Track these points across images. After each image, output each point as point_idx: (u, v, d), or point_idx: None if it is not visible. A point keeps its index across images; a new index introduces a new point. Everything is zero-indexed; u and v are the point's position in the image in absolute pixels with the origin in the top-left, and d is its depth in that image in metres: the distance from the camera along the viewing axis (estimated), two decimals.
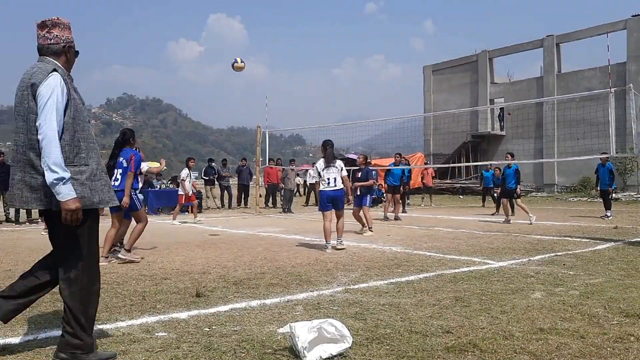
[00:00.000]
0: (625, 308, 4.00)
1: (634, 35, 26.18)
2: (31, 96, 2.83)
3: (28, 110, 2.83)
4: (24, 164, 2.85)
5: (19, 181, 2.86)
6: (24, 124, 2.85)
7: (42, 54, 2.97)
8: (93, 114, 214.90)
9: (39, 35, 2.97)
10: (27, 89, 2.83)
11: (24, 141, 2.85)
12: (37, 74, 2.84)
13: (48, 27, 2.97)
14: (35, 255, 7.03)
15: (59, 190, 2.75)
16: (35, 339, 3.34)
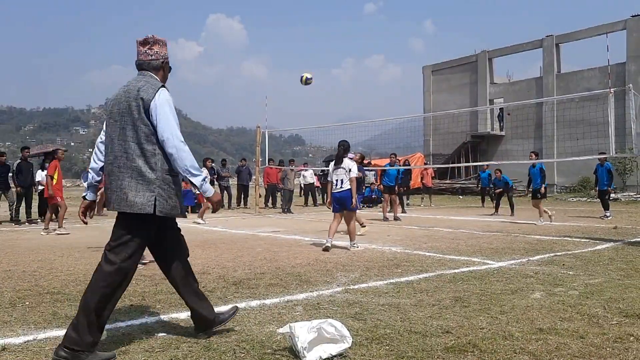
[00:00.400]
0: (625, 308, 4.00)
1: (634, 35, 26.21)
2: (142, 109, 3.04)
3: (138, 120, 3.04)
4: (132, 171, 3.04)
5: (128, 187, 3.03)
6: (134, 134, 3.04)
7: (142, 69, 3.24)
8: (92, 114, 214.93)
9: (140, 52, 3.24)
10: (136, 101, 3.04)
11: (134, 149, 3.04)
12: (146, 89, 3.07)
13: (150, 44, 3.24)
14: (35, 256, 7.05)
15: (205, 188, 3.15)
16: (34, 339, 3.34)
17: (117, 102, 3.16)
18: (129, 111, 3.06)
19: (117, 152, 3.09)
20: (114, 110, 3.17)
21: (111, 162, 3.12)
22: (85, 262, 6.51)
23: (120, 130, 3.09)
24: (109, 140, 3.18)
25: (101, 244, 8.51)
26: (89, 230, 10.81)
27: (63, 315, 3.93)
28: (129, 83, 3.19)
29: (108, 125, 3.19)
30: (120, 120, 3.10)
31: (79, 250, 7.66)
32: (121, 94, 3.15)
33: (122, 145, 3.08)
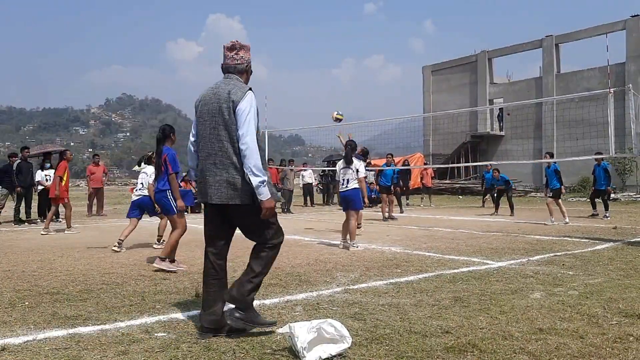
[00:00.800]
0: (625, 308, 4.00)
1: (633, 35, 26.22)
2: (232, 110, 3.31)
3: (229, 121, 3.32)
4: (228, 166, 3.32)
5: (224, 181, 3.32)
6: (226, 134, 3.33)
7: (228, 72, 3.52)
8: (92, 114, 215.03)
9: (227, 56, 3.51)
10: (227, 103, 3.32)
11: (227, 148, 3.32)
12: (235, 92, 3.34)
13: (236, 49, 3.52)
14: (35, 256, 7.05)
15: (261, 191, 3.27)
16: (34, 340, 3.34)
17: (205, 103, 3.44)
18: (220, 112, 3.33)
19: (212, 150, 3.36)
20: (203, 110, 3.44)
21: (205, 158, 3.40)
22: (84, 262, 6.51)
23: (212, 130, 3.36)
24: (200, 138, 3.45)
25: (101, 244, 8.54)
26: (89, 230, 10.82)
27: (62, 316, 3.93)
28: (217, 85, 3.46)
29: (198, 125, 3.47)
30: (211, 121, 3.37)
31: (78, 250, 7.65)
32: (210, 96, 3.42)
33: (217, 144, 3.35)
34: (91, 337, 3.39)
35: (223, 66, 3.53)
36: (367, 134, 20.57)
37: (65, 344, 3.25)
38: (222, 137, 3.33)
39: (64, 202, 10.54)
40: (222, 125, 3.33)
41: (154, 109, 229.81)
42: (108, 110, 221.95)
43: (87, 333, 3.48)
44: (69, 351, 3.11)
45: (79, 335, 3.44)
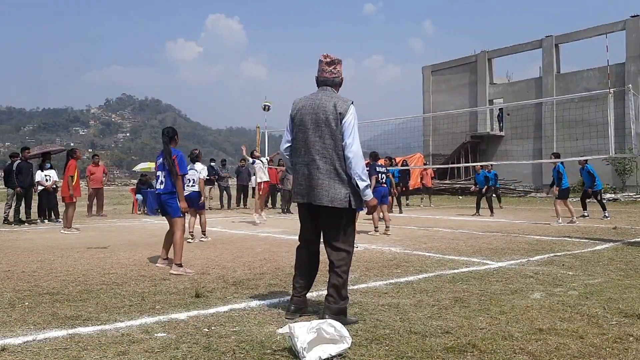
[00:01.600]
0: (624, 308, 4.00)
1: (633, 35, 26.23)
2: (338, 121, 3.62)
3: (336, 131, 3.62)
4: (331, 172, 3.64)
5: (328, 185, 3.63)
6: (332, 142, 3.64)
7: (325, 85, 3.83)
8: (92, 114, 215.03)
9: (325, 70, 3.83)
10: (334, 115, 3.63)
11: (331, 155, 3.64)
12: (341, 105, 3.67)
13: (334, 64, 3.83)
14: (34, 256, 7.05)
15: (367, 192, 3.68)
16: (34, 340, 3.34)
17: (307, 112, 3.74)
18: (327, 123, 3.64)
19: (315, 155, 3.67)
20: (305, 119, 3.73)
21: (307, 163, 3.70)
22: (84, 263, 6.51)
23: (318, 139, 3.67)
24: (301, 145, 3.75)
25: (100, 244, 8.53)
26: (89, 230, 10.82)
27: (62, 316, 3.93)
28: (316, 97, 3.77)
29: (299, 132, 3.77)
30: (316, 129, 3.67)
31: (78, 250, 7.65)
32: (311, 106, 3.72)
33: (320, 151, 3.66)
34: (91, 337, 3.39)
35: (319, 78, 3.85)
36: (367, 135, 20.55)
37: (65, 344, 3.25)
38: (328, 145, 3.64)
39: (72, 201, 10.62)
40: (328, 135, 3.64)
41: (153, 109, 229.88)
42: (108, 110, 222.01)
43: (86, 333, 3.48)
44: (68, 351, 3.11)
45: (79, 335, 3.44)
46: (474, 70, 33.12)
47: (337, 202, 3.64)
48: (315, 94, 3.81)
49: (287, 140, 3.89)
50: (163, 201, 6.25)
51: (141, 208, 16.57)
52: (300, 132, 3.75)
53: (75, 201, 10.81)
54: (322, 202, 3.65)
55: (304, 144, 3.73)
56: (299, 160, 3.77)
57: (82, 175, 25.98)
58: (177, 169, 6.12)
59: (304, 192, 3.74)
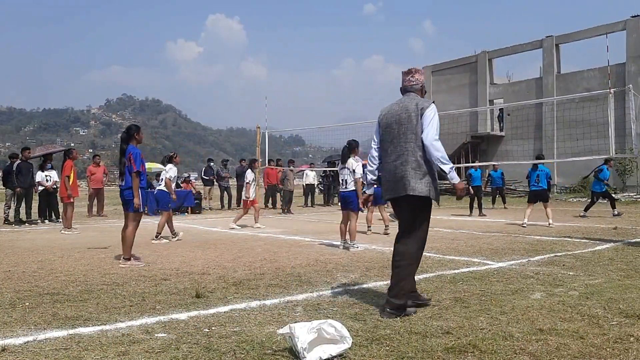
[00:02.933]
0: (625, 309, 4.00)
1: (633, 36, 26.20)
2: (419, 116, 3.99)
3: (417, 125, 3.97)
4: (414, 164, 3.93)
5: (411, 176, 3.91)
6: (413, 136, 3.97)
7: (407, 91, 4.26)
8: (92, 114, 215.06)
9: (405, 79, 4.28)
10: (415, 112, 4.00)
11: (413, 148, 3.95)
12: (422, 103, 4.07)
13: (412, 73, 4.29)
14: (35, 257, 7.05)
15: (452, 175, 3.99)
16: (34, 340, 3.34)
17: (392, 115, 4.13)
18: (409, 120, 4.00)
19: (401, 151, 3.99)
20: (390, 121, 4.12)
21: (394, 160, 4.03)
22: (85, 263, 6.51)
23: (402, 135, 4.01)
24: (387, 144, 4.11)
25: (101, 245, 8.53)
26: (89, 230, 10.82)
27: (63, 316, 3.93)
28: (402, 101, 4.17)
29: (385, 134, 4.15)
30: (399, 128, 4.04)
31: (78, 250, 7.65)
32: (396, 109, 4.13)
33: (404, 146, 3.99)
34: (91, 337, 3.40)
35: (403, 87, 4.30)
36: (367, 135, 20.56)
37: (65, 344, 3.26)
38: (410, 139, 3.98)
39: (70, 201, 10.63)
40: (410, 130, 3.99)
41: (154, 110, 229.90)
42: (108, 110, 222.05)
43: (87, 333, 3.48)
44: (69, 352, 3.12)
45: (79, 335, 3.44)
46: (474, 70, 33.11)
47: (417, 191, 3.90)
48: (399, 100, 4.24)
49: (375, 143, 4.29)
50: (124, 196, 6.50)
51: None
52: (386, 133, 4.14)
53: (73, 201, 10.83)
54: (406, 192, 3.92)
55: (390, 144, 4.09)
56: (387, 160, 4.11)
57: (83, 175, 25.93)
58: (133, 165, 6.39)
59: (391, 187, 4.05)
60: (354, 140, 8.12)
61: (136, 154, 6.48)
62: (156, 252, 7.52)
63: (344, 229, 7.90)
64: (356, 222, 7.88)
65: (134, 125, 6.86)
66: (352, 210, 7.82)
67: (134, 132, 6.65)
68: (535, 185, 11.61)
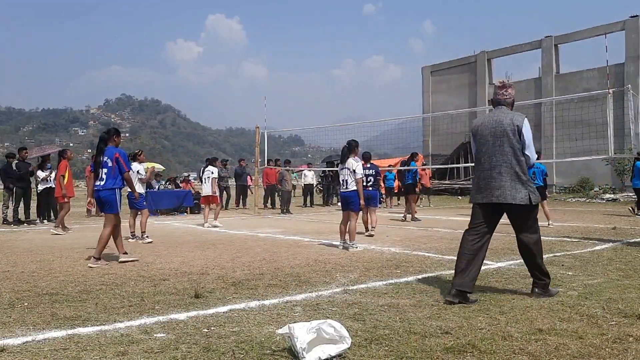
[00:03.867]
0: (624, 308, 4.00)
1: (632, 36, 26.22)
2: (516, 132, 4.35)
3: (513, 140, 4.35)
4: (512, 174, 4.34)
5: (510, 186, 4.34)
6: (510, 149, 4.35)
7: (499, 104, 4.59)
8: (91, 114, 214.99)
9: (498, 93, 4.61)
10: (511, 127, 4.36)
11: (511, 160, 4.35)
12: (516, 119, 4.39)
13: (505, 87, 4.60)
14: (34, 257, 7.05)
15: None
16: (33, 340, 3.34)
17: (486, 127, 4.48)
18: (506, 134, 4.36)
19: (497, 162, 4.39)
20: (484, 133, 4.48)
21: (489, 169, 4.42)
22: (83, 263, 6.50)
23: (498, 148, 4.38)
24: (481, 154, 4.50)
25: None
26: (88, 231, 10.81)
27: (62, 316, 3.92)
28: (494, 114, 4.51)
29: (479, 145, 4.52)
30: (495, 140, 4.40)
31: (77, 251, 7.65)
32: (491, 122, 4.46)
33: (500, 158, 4.37)
34: (90, 337, 3.39)
35: (495, 100, 4.63)
36: (367, 135, 20.58)
37: (64, 344, 3.25)
38: (507, 152, 4.36)
39: (64, 201, 10.63)
40: (507, 144, 4.35)
41: (153, 110, 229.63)
42: (107, 110, 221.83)
43: (86, 334, 3.48)
44: (68, 352, 3.11)
45: (78, 336, 3.44)
46: (473, 70, 33.12)
47: (518, 199, 4.33)
48: (492, 113, 4.57)
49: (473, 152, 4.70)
50: (103, 197, 6.55)
51: None
52: (481, 144, 4.51)
53: (68, 201, 10.84)
54: (507, 201, 4.34)
55: (485, 154, 4.48)
56: (481, 168, 4.51)
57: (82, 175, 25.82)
58: (124, 166, 6.61)
59: (485, 193, 4.45)
60: (354, 140, 8.09)
61: (124, 155, 6.73)
62: (155, 252, 7.51)
63: (343, 229, 7.89)
64: (356, 222, 7.89)
65: (115, 129, 7.00)
66: (353, 211, 7.82)
67: (114, 134, 6.83)
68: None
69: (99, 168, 6.61)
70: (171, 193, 17.02)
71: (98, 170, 6.62)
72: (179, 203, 16.47)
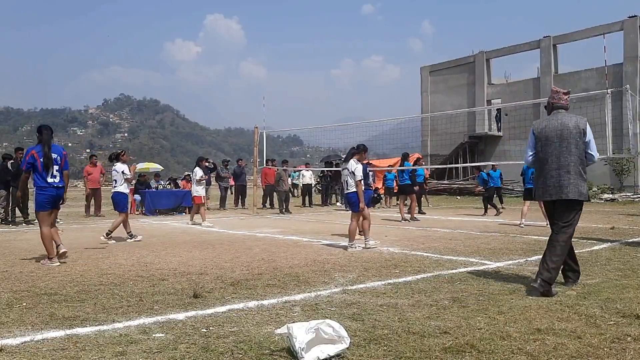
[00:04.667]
0: (622, 308, 4.01)
1: (631, 36, 26.25)
2: (581, 134, 4.79)
3: (579, 142, 4.79)
4: (577, 173, 4.77)
5: (574, 184, 4.75)
6: (576, 150, 4.78)
7: (559, 109, 4.99)
8: (90, 114, 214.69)
9: (561, 98, 5.02)
10: (577, 129, 4.79)
11: (576, 160, 4.77)
12: (581, 121, 4.85)
13: (567, 93, 5.04)
14: (32, 256, 7.03)
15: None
16: (32, 340, 3.34)
17: (552, 130, 4.87)
18: (572, 136, 4.78)
19: (564, 162, 4.78)
20: (550, 135, 4.86)
21: (557, 168, 4.80)
22: (82, 263, 6.50)
23: (564, 149, 4.79)
24: (548, 155, 4.86)
25: (98, 245, 8.49)
26: (87, 231, 10.80)
27: (60, 316, 3.92)
28: (556, 118, 4.91)
29: (544, 146, 4.90)
30: (561, 142, 4.80)
31: (76, 251, 7.63)
32: (556, 125, 4.86)
33: (568, 157, 4.78)
34: (89, 338, 3.39)
35: (556, 104, 5.01)
36: (366, 135, 20.58)
37: (62, 344, 3.25)
38: (573, 152, 4.77)
39: None
40: (573, 145, 4.78)
41: (152, 110, 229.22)
42: (106, 110, 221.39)
43: (84, 334, 3.47)
44: (66, 352, 3.11)
45: (77, 336, 3.43)
46: (472, 70, 33.14)
47: (582, 196, 4.78)
48: (553, 117, 4.96)
49: (531, 152, 5.05)
50: (59, 195, 6.67)
51: (139, 208, 16.55)
52: (547, 145, 4.88)
53: None
54: (574, 197, 4.74)
55: (551, 155, 4.84)
56: (548, 168, 4.85)
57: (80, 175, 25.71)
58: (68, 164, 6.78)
59: (553, 191, 4.81)
60: (363, 145, 8.23)
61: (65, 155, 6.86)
62: (154, 252, 7.51)
63: (352, 230, 7.86)
64: (356, 222, 7.88)
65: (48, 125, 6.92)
66: (353, 211, 7.84)
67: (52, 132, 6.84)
68: (531, 182, 11.58)
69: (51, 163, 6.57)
70: (170, 193, 17.00)
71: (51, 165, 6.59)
72: (177, 203, 16.45)
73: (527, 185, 11.71)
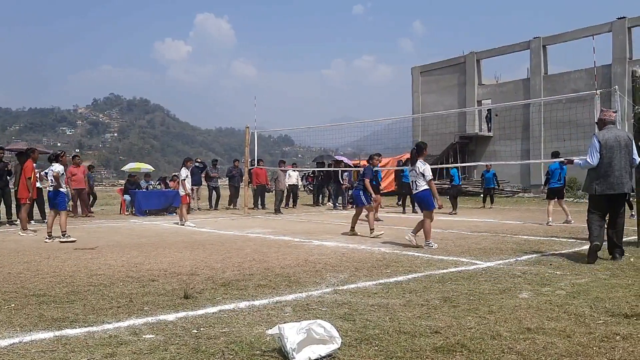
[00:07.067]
0: (611, 307, 4.04)
1: (619, 37, 26.49)
2: (631, 145, 6.42)
3: (631, 150, 6.40)
4: (629, 173, 6.40)
5: (628, 181, 6.37)
6: (629, 156, 6.38)
7: (610, 124, 6.56)
8: (79, 114, 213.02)
9: (609, 115, 6.62)
10: (627, 141, 6.41)
11: (627, 164, 6.37)
12: (629, 135, 6.57)
13: (615, 113, 6.76)
14: (20, 257, 6.97)
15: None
16: (20, 342, 3.30)
17: (614, 140, 6.31)
18: (627, 145, 6.36)
19: (624, 165, 6.32)
20: (612, 144, 6.30)
21: (619, 169, 6.28)
22: (71, 264, 6.45)
23: (623, 155, 6.31)
24: (612, 159, 6.28)
25: (87, 245, 8.44)
26: (77, 231, 10.70)
27: (49, 317, 3.89)
28: (614, 132, 6.45)
29: (608, 152, 6.30)
30: (621, 150, 6.30)
31: (65, 251, 7.58)
32: (615, 137, 6.35)
33: (625, 162, 6.33)
34: (78, 339, 3.36)
35: (605, 120, 6.58)
36: (357, 135, 20.64)
37: (51, 346, 3.22)
38: (626, 158, 6.35)
39: (26, 202, 10.54)
40: (626, 152, 6.34)
41: (142, 109, 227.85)
42: (95, 110, 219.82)
43: (74, 335, 3.45)
44: (55, 353, 3.08)
45: (66, 337, 3.40)
46: (462, 71, 33.28)
47: (629, 190, 6.46)
48: (611, 130, 6.45)
49: (597, 157, 6.35)
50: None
51: (129, 209, 16.45)
52: (611, 152, 6.30)
53: (30, 203, 10.80)
54: (629, 191, 6.47)
55: (615, 159, 6.29)
56: (612, 169, 6.28)
57: None
58: None
59: (616, 187, 6.29)
60: (422, 142, 8.58)
61: None
62: (144, 252, 7.46)
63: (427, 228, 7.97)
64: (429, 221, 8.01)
65: None
66: (427, 209, 8.04)
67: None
68: (557, 182, 11.78)
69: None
70: (160, 193, 16.91)
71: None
72: (168, 203, 16.36)
73: (554, 185, 11.83)
